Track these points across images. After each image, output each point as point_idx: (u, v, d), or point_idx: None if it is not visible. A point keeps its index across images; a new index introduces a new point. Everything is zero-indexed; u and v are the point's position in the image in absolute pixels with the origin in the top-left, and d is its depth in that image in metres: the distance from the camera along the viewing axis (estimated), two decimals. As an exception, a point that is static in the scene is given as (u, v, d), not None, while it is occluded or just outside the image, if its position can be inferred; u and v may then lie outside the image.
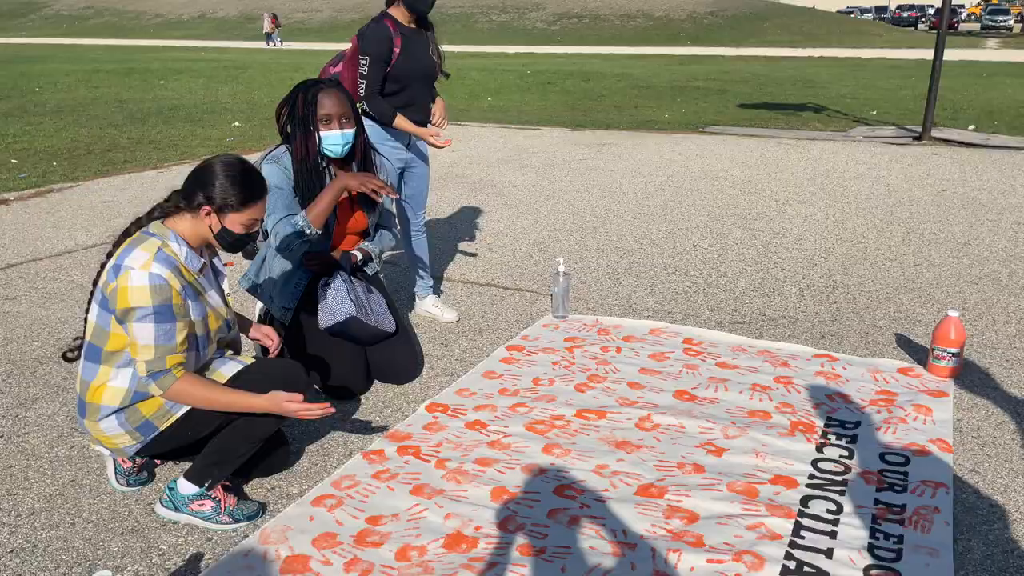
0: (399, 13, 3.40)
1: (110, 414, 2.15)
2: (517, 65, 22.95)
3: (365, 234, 3.19)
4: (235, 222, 2.15)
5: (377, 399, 3.04)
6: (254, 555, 2.12)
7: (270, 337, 2.50)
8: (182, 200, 2.14)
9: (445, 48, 3.68)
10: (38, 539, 2.20)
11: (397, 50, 3.37)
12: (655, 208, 6.04)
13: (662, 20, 42.15)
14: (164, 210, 2.16)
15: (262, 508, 2.32)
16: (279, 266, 3.02)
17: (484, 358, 3.38)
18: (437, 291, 4.18)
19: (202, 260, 2.21)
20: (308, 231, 2.85)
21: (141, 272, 2.02)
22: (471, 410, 2.91)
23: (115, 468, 2.39)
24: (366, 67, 3.34)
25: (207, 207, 2.11)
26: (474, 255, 4.86)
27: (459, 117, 11.43)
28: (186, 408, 2.19)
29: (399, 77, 3.41)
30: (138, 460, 2.39)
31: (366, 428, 2.82)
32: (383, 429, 2.80)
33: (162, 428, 2.19)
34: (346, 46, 3.54)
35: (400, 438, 2.72)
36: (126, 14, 53.69)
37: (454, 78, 21.83)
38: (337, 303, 2.90)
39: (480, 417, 2.86)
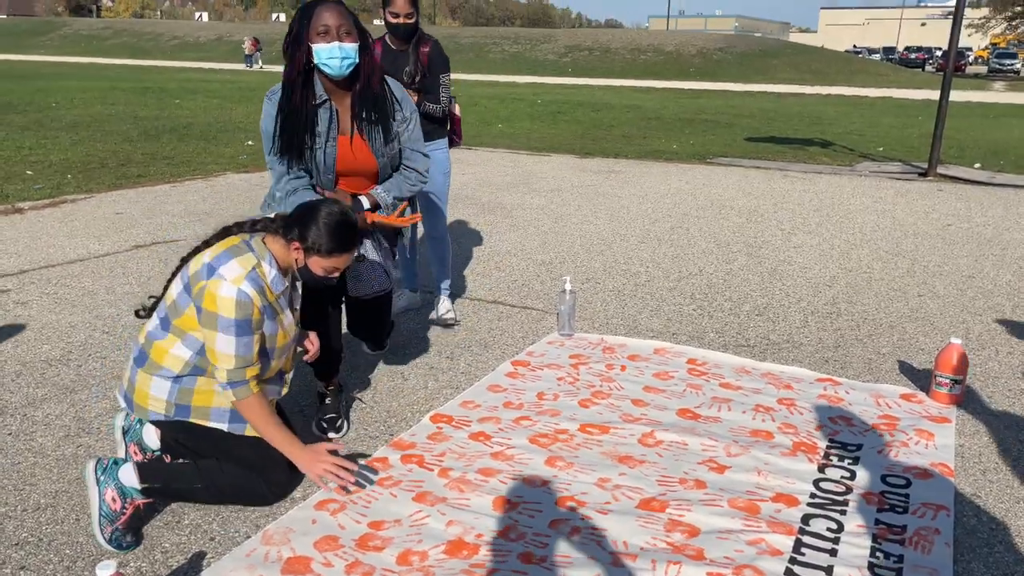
0: (389, 37, 3.71)
1: (168, 378, 2.25)
2: (528, 94, 23.20)
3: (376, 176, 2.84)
4: (317, 264, 2.29)
5: (382, 409, 3.06)
6: (256, 555, 2.13)
7: (312, 343, 2.58)
8: (283, 227, 2.26)
9: (458, 76, 3.83)
10: (43, 533, 2.22)
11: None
12: (661, 233, 6.08)
13: (672, 55, 42.56)
14: (266, 227, 2.28)
15: (135, 543, 2.17)
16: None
17: (489, 372, 3.40)
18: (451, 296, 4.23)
19: (285, 284, 2.33)
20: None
21: (231, 286, 2.13)
22: (475, 422, 2.93)
23: (101, 509, 2.14)
24: None
25: (298, 243, 2.25)
26: (481, 274, 4.90)
27: (469, 142, 11.54)
28: (218, 426, 2.30)
29: None
30: (128, 501, 2.18)
31: (369, 436, 2.83)
32: (387, 438, 2.81)
33: (191, 419, 2.28)
34: None
35: (404, 447, 2.74)
36: (144, 35, 54.44)
37: (465, 105, 21.99)
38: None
39: (484, 429, 2.87)
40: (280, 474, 2.39)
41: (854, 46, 70.82)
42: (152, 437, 2.45)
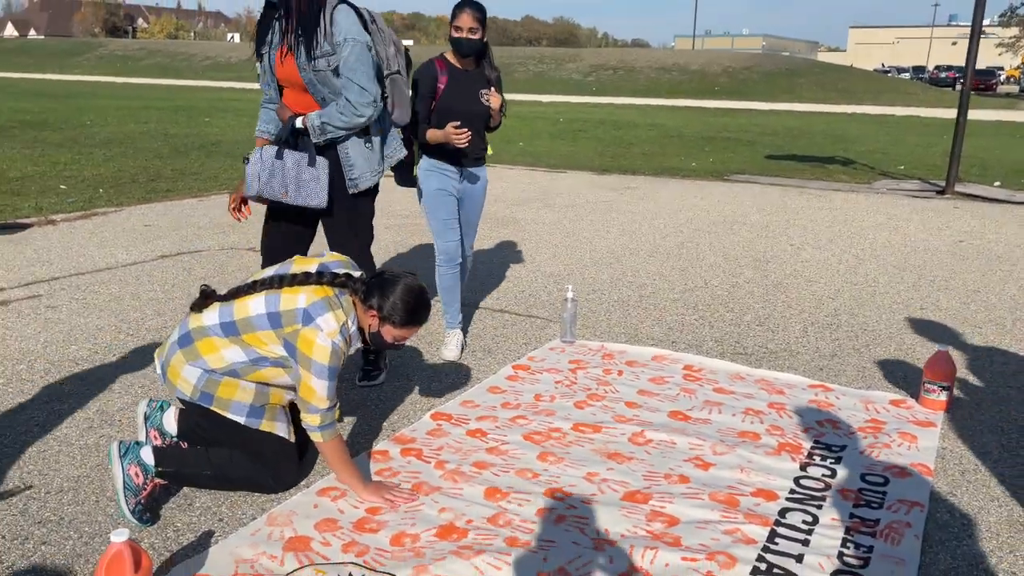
0: (451, 54, 3.65)
1: (203, 368, 2.43)
2: (551, 113, 23.43)
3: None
4: (389, 333, 2.48)
5: (386, 407, 3.21)
6: (260, 534, 2.28)
7: None
8: (363, 292, 2.44)
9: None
10: (64, 513, 2.39)
11: (442, 87, 3.60)
12: (671, 248, 6.20)
13: (697, 74, 42.69)
14: (352, 287, 2.45)
15: (152, 520, 2.35)
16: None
17: (491, 375, 3.55)
18: (463, 326, 4.07)
19: (359, 345, 2.54)
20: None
21: (327, 338, 2.33)
22: (473, 420, 3.07)
23: (124, 483, 2.30)
24: (417, 101, 3.60)
25: (375, 312, 2.44)
26: (490, 284, 5.05)
27: (489, 160, 11.74)
28: (235, 418, 2.46)
29: (443, 111, 3.59)
30: (147, 486, 2.37)
31: (373, 432, 2.99)
32: (390, 433, 2.96)
33: (212, 407, 2.45)
34: None
35: (404, 441, 2.89)
36: (177, 56, 55.68)
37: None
38: (250, 176, 3.01)
39: (481, 426, 3.02)
40: (288, 468, 2.55)
41: (882, 64, 70.40)
42: (171, 423, 2.62)
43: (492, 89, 3.67)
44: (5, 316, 4.18)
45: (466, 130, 3.48)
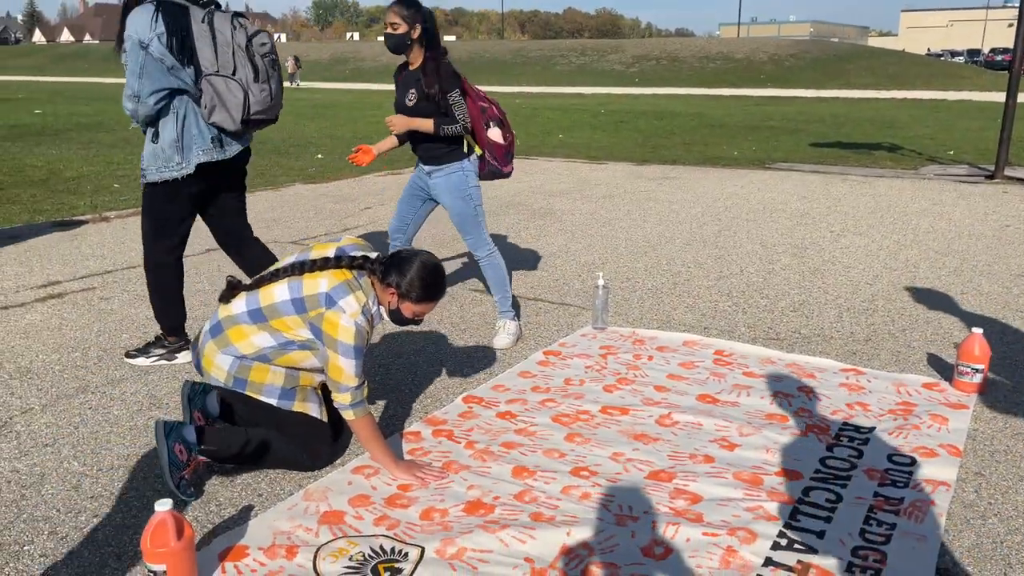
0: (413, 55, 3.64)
1: (234, 355, 2.55)
2: (592, 104, 23.38)
3: None
4: (408, 309, 2.59)
5: (419, 390, 3.31)
6: (296, 509, 2.39)
7: None
8: (382, 271, 2.55)
9: (522, 89, 3.90)
10: (115, 489, 2.53)
11: (397, 84, 3.74)
12: (708, 236, 6.20)
13: (742, 62, 42.10)
14: (370, 268, 2.56)
15: (196, 494, 2.47)
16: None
17: (522, 361, 3.62)
18: (511, 315, 3.95)
19: (381, 321, 2.64)
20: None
21: (350, 318, 2.44)
22: (503, 403, 3.15)
23: (169, 459, 2.41)
24: None
25: (393, 289, 2.54)
26: (526, 272, 5.12)
27: (528, 152, 11.81)
28: (268, 400, 2.58)
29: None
30: (191, 463, 2.49)
31: (407, 414, 3.08)
32: (422, 415, 3.06)
33: (246, 391, 2.57)
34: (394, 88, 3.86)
35: (436, 423, 2.98)
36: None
37: (528, 116, 22.18)
38: None
39: (511, 409, 3.09)
40: (322, 447, 2.66)
41: (927, 50, 68.40)
42: (214, 405, 2.75)
43: (412, 93, 3.61)
44: (62, 308, 4.39)
45: (392, 121, 3.64)
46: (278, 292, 2.53)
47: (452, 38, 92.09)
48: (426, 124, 3.57)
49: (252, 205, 7.35)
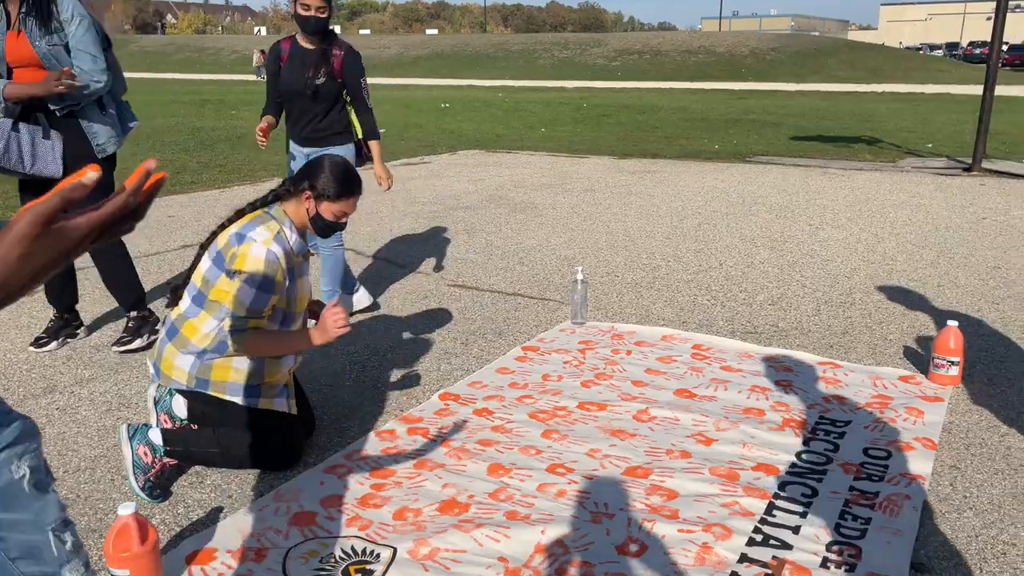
0: (300, 34, 3.78)
1: (193, 353, 2.50)
2: (575, 98, 23.35)
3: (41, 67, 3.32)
4: (328, 210, 2.55)
5: (395, 388, 3.27)
6: (267, 510, 2.35)
7: (332, 310, 2.66)
8: (292, 185, 2.54)
9: (504, 83, 3.97)
10: (80, 491, 2.48)
11: (283, 65, 3.78)
12: (688, 230, 6.19)
13: (724, 56, 42.20)
14: (278, 194, 2.56)
15: (163, 496, 2.43)
16: None
17: (501, 357, 3.59)
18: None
19: (307, 247, 2.60)
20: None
21: (262, 246, 2.41)
22: (480, 399, 3.12)
23: (134, 461, 2.41)
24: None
25: (308, 192, 2.51)
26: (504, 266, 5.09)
27: (510, 146, 11.77)
28: (234, 399, 2.52)
29: (281, 92, 3.83)
30: (156, 465, 2.45)
31: (381, 411, 3.05)
32: (398, 413, 3.02)
33: (210, 391, 2.51)
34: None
35: (412, 420, 2.94)
36: (205, 50, 56.25)
37: (510, 110, 22.06)
38: None
39: (488, 406, 3.06)
40: (291, 443, 2.61)
41: (900, 43, 68.88)
42: (181, 407, 2.69)
43: (321, 71, 3.72)
44: (30, 306, 4.31)
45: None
46: (203, 264, 2.51)
47: (434, 31, 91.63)
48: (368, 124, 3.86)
49: (230, 200, 7.28)
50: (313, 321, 2.78)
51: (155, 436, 2.44)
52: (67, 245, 0.81)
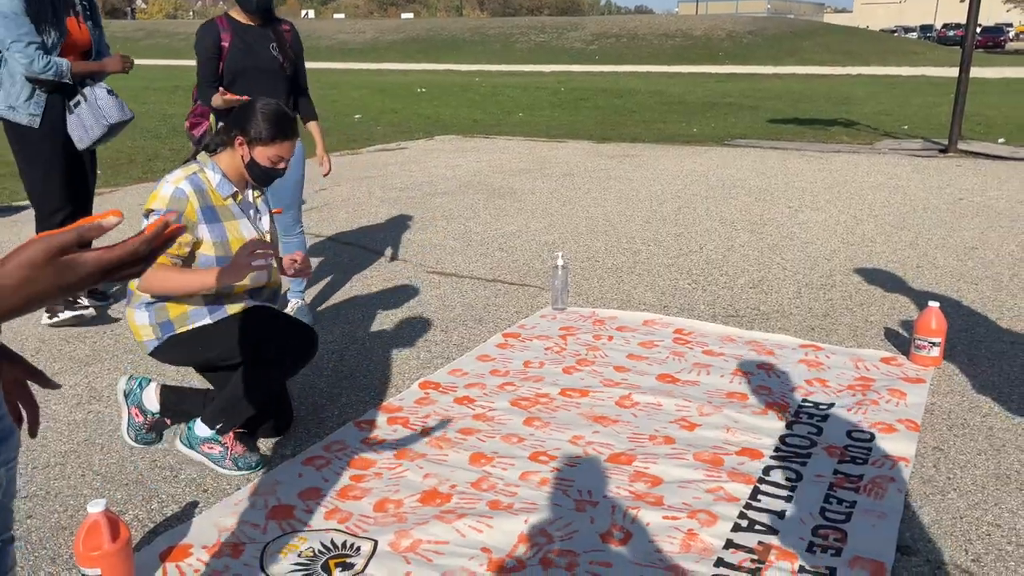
0: (236, 12, 3.53)
1: (141, 305, 2.46)
2: (552, 83, 23.23)
3: (88, 53, 3.78)
4: (263, 155, 2.49)
5: (374, 377, 3.21)
6: (244, 503, 2.30)
7: (296, 257, 2.61)
8: (224, 132, 2.51)
9: (481, 67, 3.79)
10: (51, 488, 2.41)
11: (226, 45, 3.46)
12: (667, 213, 6.16)
13: (701, 39, 42.16)
14: (207, 143, 2.54)
15: (264, 461, 2.53)
16: (21, 81, 3.59)
17: (481, 344, 3.54)
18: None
19: (234, 189, 2.53)
20: (65, 79, 3.55)
21: (170, 185, 2.41)
22: (461, 387, 3.07)
23: (128, 422, 2.60)
24: (198, 64, 3.55)
25: (241, 138, 2.47)
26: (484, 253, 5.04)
27: (488, 131, 11.68)
28: (202, 322, 2.46)
29: (236, 71, 3.48)
30: (149, 418, 2.59)
31: (361, 401, 2.99)
32: (378, 403, 2.97)
33: (178, 331, 2.46)
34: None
35: (392, 410, 2.89)
36: (176, 36, 55.34)
37: (487, 95, 21.99)
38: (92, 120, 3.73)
39: (469, 394, 3.02)
40: (279, 332, 2.49)
41: (867, 25, 69.18)
42: (152, 401, 2.62)
43: (274, 49, 3.52)
44: None
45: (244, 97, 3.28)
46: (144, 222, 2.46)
47: (409, 15, 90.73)
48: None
49: (202, 188, 7.16)
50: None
51: (151, 404, 2.51)
52: (71, 279, 0.83)
